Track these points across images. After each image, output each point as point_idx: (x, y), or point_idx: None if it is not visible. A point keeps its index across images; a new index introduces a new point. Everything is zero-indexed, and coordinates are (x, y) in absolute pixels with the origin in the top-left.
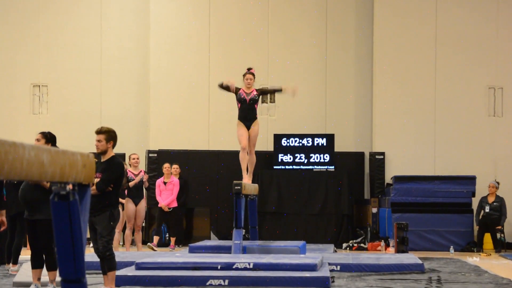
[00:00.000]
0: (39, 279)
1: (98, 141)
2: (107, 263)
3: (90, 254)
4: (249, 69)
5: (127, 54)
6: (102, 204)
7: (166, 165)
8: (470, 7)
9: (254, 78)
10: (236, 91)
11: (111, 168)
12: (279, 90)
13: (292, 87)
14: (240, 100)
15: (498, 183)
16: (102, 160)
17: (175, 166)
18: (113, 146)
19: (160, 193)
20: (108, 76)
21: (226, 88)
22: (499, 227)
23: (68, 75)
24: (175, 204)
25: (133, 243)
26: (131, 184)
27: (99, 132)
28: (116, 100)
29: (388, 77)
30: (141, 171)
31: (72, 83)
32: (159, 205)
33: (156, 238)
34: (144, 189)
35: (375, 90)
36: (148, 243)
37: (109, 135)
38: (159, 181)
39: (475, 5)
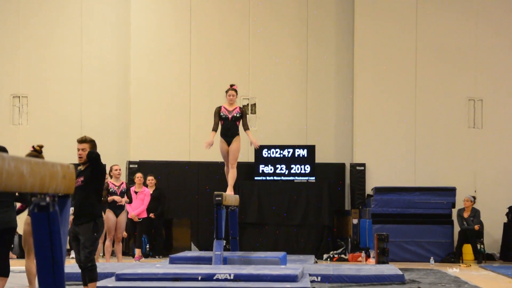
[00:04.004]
0: None
1: (83, 149)
2: (89, 274)
3: (69, 265)
4: (231, 85)
5: (108, 64)
6: (86, 214)
7: (138, 174)
8: (450, 19)
9: (237, 94)
10: (218, 110)
11: (91, 156)
12: (247, 130)
13: (255, 141)
14: (222, 118)
15: (474, 197)
16: (83, 169)
17: (150, 177)
18: None
19: (130, 204)
20: (88, 86)
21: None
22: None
23: (48, 86)
24: (145, 215)
25: (113, 254)
26: (109, 199)
27: (83, 141)
28: (97, 111)
29: (369, 88)
30: (122, 182)
31: (52, 94)
32: (129, 216)
33: (138, 250)
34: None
35: (355, 101)
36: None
37: (93, 145)
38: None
39: (455, 17)
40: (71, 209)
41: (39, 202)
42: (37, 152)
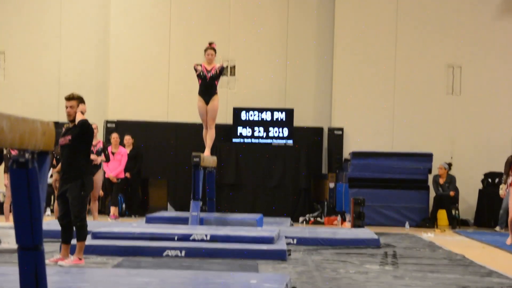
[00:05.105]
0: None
1: (71, 107)
2: (77, 233)
3: (46, 222)
4: (210, 43)
5: (87, 21)
6: (74, 172)
7: (114, 135)
8: None
9: (216, 53)
10: (196, 67)
11: (87, 125)
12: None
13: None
14: (201, 76)
15: (449, 164)
16: (71, 126)
17: (127, 137)
18: (83, 113)
19: (107, 163)
20: (67, 44)
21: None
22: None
23: (26, 41)
24: (122, 175)
25: (89, 212)
26: None
27: (71, 98)
28: (75, 69)
29: (349, 53)
30: (99, 141)
31: (30, 50)
32: (106, 176)
33: (113, 209)
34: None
35: (335, 66)
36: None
37: (81, 101)
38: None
39: None
40: (58, 167)
41: (18, 158)
42: None
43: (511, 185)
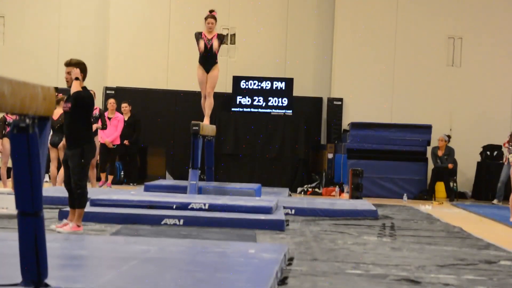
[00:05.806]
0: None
1: (68, 73)
2: (77, 200)
3: (44, 189)
4: (211, 11)
5: None
6: (74, 139)
7: (111, 100)
8: None
9: (216, 21)
10: (198, 36)
11: (81, 97)
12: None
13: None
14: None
15: (449, 136)
16: (71, 94)
17: (124, 104)
18: (83, 79)
19: (104, 130)
20: (67, 8)
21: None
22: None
23: (25, 6)
24: (118, 141)
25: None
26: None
27: (68, 64)
28: (75, 35)
29: (349, 23)
30: (96, 108)
31: (30, 15)
32: (102, 141)
33: (109, 177)
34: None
35: (335, 36)
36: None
37: (80, 67)
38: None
39: None
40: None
41: (19, 124)
42: None
43: None
